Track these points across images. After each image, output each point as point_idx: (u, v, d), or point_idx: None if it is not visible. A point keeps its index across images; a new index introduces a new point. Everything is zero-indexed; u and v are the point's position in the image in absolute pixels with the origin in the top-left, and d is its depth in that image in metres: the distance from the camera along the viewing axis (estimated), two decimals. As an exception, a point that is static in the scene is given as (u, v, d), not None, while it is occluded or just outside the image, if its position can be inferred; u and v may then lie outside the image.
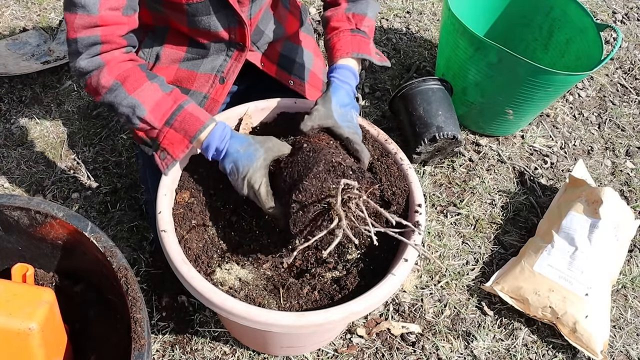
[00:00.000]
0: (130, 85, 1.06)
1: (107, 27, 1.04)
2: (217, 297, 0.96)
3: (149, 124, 1.07)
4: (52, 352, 0.99)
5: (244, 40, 1.30)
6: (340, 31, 1.23)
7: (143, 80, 1.07)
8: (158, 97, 1.07)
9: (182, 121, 1.07)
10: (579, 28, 1.88)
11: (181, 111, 1.07)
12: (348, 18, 1.23)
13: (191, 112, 1.08)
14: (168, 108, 1.07)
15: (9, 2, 2.31)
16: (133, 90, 1.06)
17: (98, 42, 1.04)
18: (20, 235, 1.12)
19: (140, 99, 1.06)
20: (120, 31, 1.06)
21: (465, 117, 1.96)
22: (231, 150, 1.07)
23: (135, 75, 1.07)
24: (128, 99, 1.05)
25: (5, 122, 1.88)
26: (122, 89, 1.05)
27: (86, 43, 1.04)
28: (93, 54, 1.05)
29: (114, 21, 1.04)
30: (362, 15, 1.24)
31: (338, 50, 1.20)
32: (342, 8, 1.25)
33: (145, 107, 1.06)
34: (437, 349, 1.46)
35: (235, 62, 1.34)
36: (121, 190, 1.71)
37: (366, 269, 1.10)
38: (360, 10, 1.24)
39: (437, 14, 2.46)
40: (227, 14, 1.22)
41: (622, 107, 2.18)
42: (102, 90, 1.06)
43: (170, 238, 1.03)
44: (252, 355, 1.41)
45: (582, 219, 1.58)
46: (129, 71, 1.07)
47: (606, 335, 1.45)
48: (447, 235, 1.70)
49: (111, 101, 1.07)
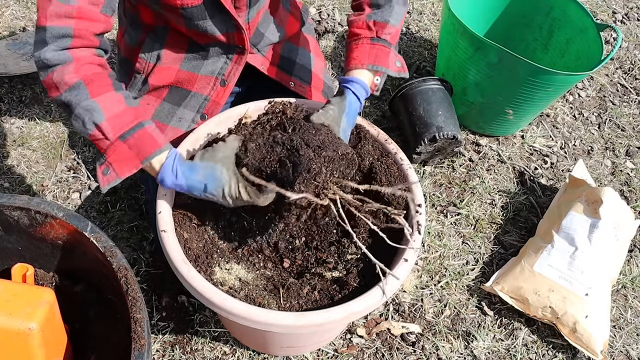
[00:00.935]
0: (94, 88, 0.99)
1: (82, 21, 0.98)
2: (217, 297, 0.96)
3: (103, 133, 0.99)
4: (52, 352, 0.99)
5: (243, 44, 1.30)
6: (360, 39, 1.20)
7: (109, 88, 1.02)
8: (120, 109, 1.00)
9: (138, 138, 1.00)
10: (579, 28, 1.88)
11: (140, 129, 1.00)
12: (369, 26, 1.21)
13: (150, 133, 1.01)
14: (128, 122, 1.00)
15: (9, 2, 2.31)
16: (96, 95, 0.99)
17: (69, 35, 0.97)
18: (20, 235, 1.12)
19: (101, 104, 0.98)
20: (95, 29, 1.01)
21: (465, 117, 1.96)
22: (193, 184, 1.02)
23: (102, 81, 1.01)
24: (88, 101, 0.98)
25: (5, 122, 1.88)
26: (85, 89, 0.98)
27: (56, 33, 0.97)
28: (61, 47, 0.98)
29: (90, 16, 0.99)
30: (384, 23, 1.21)
31: (354, 59, 1.18)
32: (365, 14, 1.22)
33: (105, 114, 0.98)
34: (437, 349, 1.46)
35: (235, 65, 1.34)
36: (121, 190, 1.71)
37: (366, 269, 1.10)
38: (382, 18, 1.21)
39: (437, 14, 2.46)
40: (223, 18, 1.22)
41: (622, 107, 2.18)
42: (63, 86, 0.98)
43: (170, 238, 1.03)
44: (252, 355, 1.41)
45: (582, 219, 1.58)
46: (96, 75, 1.01)
47: (606, 335, 1.45)
48: (447, 235, 1.70)
49: (70, 100, 0.99)
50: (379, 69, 1.18)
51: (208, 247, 1.10)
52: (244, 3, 1.24)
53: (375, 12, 1.22)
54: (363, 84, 1.17)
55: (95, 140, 1.01)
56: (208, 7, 1.18)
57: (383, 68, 1.18)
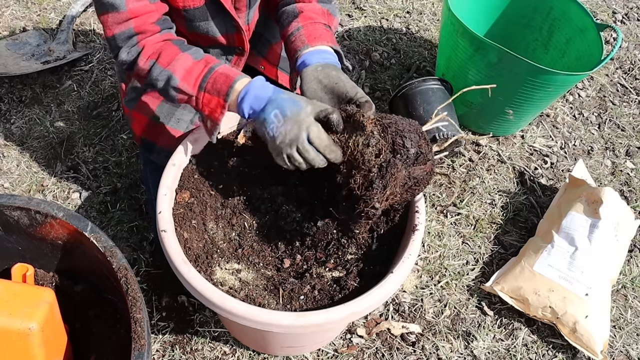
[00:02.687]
0: (163, 59, 1.08)
1: (138, 19, 1.08)
2: (217, 297, 0.96)
3: (185, 92, 1.08)
4: (52, 352, 0.99)
5: (242, 45, 1.30)
6: (316, 22, 1.19)
7: (176, 53, 1.09)
8: (189, 65, 1.07)
9: (214, 82, 1.05)
10: (579, 28, 1.88)
11: (212, 73, 1.06)
12: (323, 12, 1.21)
13: (222, 72, 1.06)
14: (199, 73, 1.07)
15: (9, 2, 2.31)
16: (167, 64, 1.07)
17: (133, 34, 1.09)
18: (20, 235, 1.12)
19: (172, 69, 1.07)
20: (152, 19, 1.10)
21: (465, 117, 1.96)
22: (274, 97, 1.00)
23: (168, 49, 1.09)
24: (162, 72, 1.07)
25: (5, 122, 1.88)
26: (156, 65, 1.08)
27: (123, 37, 1.09)
28: (131, 45, 1.10)
29: (142, 11, 1.08)
30: (333, 16, 1.24)
31: (316, 38, 1.15)
32: (315, 3, 1.21)
33: (177, 76, 1.06)
34: (437, 349, 1.46)
35: (234, 67, 1.35)
36: (121, 190, 1.71)
37: (366, 269, 1.10)
38: (332, 11, 1.24)
39: (437, 14, 2.46)
40: (224, 19, 1.23)
41: (622, 107, 2.18)
42: (143, 72, 1.10)
43: (171, 238, 1.03)
44: (252, 355, 1.41)
45: (582, 219, 1.58)
46: (161, 47, 1.09)
47: (606, 335, 1.45)
48: (447, 235, 1.70)
49: (152, 81, 1.10)
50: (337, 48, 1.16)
51: (208, 247, 1.10)
52: (244, 4, 1.25)
53: (323, 4, 1.23)
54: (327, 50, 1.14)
55: (187, 102, 1.09)
56: (209, 8, 1.20)
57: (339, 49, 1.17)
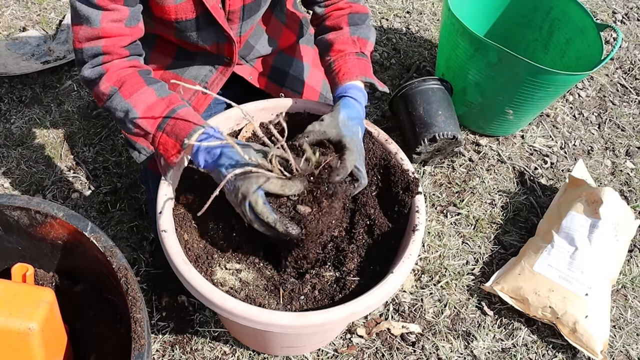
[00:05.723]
0: (126, 90, 1.05)
1: (109, 39, 1.05)
2: (218, 297, 0.96)
3: (142, 129, 1.05)
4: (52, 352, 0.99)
5: (231, 55, 1.30)
6: (346, 54, 1.20)
7: (140, 85, 1.06)
8: (151, 102, 1.05)
9: (173, 125, 1.03)
10: (579, 28, 1.88)
11: (173, 115, 1.04)
12: (354, 41, 1.22)
13: (183, 116, 1.04)
14: (160, 112, 1.04)
15: (9, 2, 2.31)
16: (129, 95, 1.05)
17: (100, 53, 1.06)
18: (20, 235, 1.12)
19: (133, 103, 1.04)
20: (123, 42, 1.07)
21: (465, 117, 1.96)
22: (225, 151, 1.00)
23: (133, 80, 1.06)
24: (122, 103, 1.05)
25: (5, 122, 1.88)
26: (118, 94, 1.05)
27: (90, 54, 1.06)
28: (96, 64, 1.07)
29: (116, 33, 1.05)
30: (366, 40, 1.23)
31: (346, 73, 1.18)
32: (346, 31, 1.23)
33: (137, 110, 1.04)
34: (437, 349, 1.46)
35: (220, 75, 1.35)
36: (121, 190, 1.71)
37: (366, 269, 1.11)
38: (364, 35, 1.23)
39: (437, 14, 2.46)
40: (215, 30, 1.23)
41: (622, 107, 2.18)
42: (103, 97, 1.07)
43: (171, 238, 1.02)
44: (252, 355, 1.41)
45: (582, 219, 1.58)
46: (126, 77, 1.06)
47: (606, 335, 1.45)
48: (447, 235, 1.70)
49: (109, 107, 1.07)
50: (368, 80, 1.18)
51: (208, 248, 1.10)
52: (237, 16, 1.24)
53: (355, 28, 1.23)
54: (358, 87, 1.17)
55: (142, 136, 1.08)
56: (202, 20, 1.19)
57: (371, 80, 1.19)
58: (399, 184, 1.15)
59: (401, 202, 1.14)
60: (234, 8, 1.21)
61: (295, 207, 0.97)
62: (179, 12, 1.15)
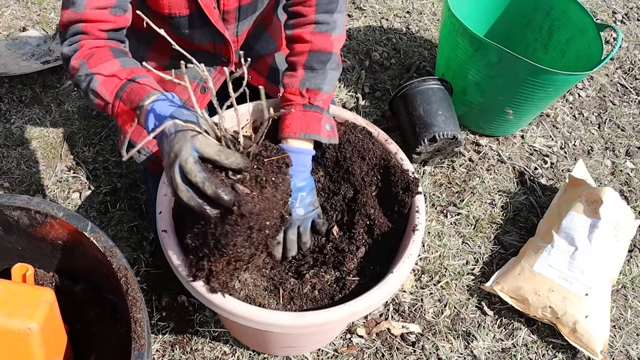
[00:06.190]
0: (93, 61, 1.03)
1: (90, 23, 1.06)
2: (218, 297, 0.96)
3: (101, 97, 1.01)
4: (52, 352, 0.99)
5: (228, 55, 1.30)
6: (293, 105, 1.19)
7: (108, 57, 1.04)
8: (113, 70, 1.02)
9: (130, 92, 0.98)
10: (579, 28, 1.88)
11: (131, 83, 1.00)
12: (301, 93, 1.19)
13: (142, 83, 0.99)
14: (119, 81, 1.01)
15: (9, 2, 2.31)
16: (93, 66, 1.03)
17: (79, 32, 1.06)
18: (20, 235, 1.12)
19: (96, 71, 1.02)
20: (103, 27, 1.07)
21: (465, 117, 1.96)
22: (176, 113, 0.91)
23: (101, 53, 1.05)
24: (87, 72, 1.03)
25: (5, 122, 1.88)
26: (85, 65, 1.04)
27: (70, 33, 1.07)
28: (73, 42, 1.07)
29: (98, 19, 1.05)
30: (317, 90, 1.19)
31: (287, 127, 1.17)
32: (298, 78, 1.20)
33: (98, 79, 1.01)
34: (437, 349, 1.46)
35: (218, 75, 1.34)
36: (121, 190, 1.71)
37: (366, 269, 1.11)
38: (315, 85, 1.19)
39: (437, 14, 2.46)
40: (210, 30, 1.22)
41: (622, 107, 2.18)
42: (73, 71, 1.05)
43: (171, 238, 1.03)
44: (252, 355, 1.41)
45: (582, 219, 1.58)
46: (96, 50, 1.05)
47: (606, 335, 1.45)
48: (447, 235, 1.70)
49: (76, 79, 1.05)
50: (311, 136, 1.17)
51: (208, 247, 1.09)
52: (233, 16, 1.24)
53: (308, 77, 1.20)
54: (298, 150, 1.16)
55: (103, 108, 1.03)
56: (195, 18, 1.19)
57: (315, 135, 1.17)
58: (399, 184, 1.15)
59: (401, 202, 1.14)
60: (229, 8, 1.21)
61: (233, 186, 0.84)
62: (172, 6, 1.15)
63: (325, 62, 1.20)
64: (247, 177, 0.87)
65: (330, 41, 1.21)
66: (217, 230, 0.86)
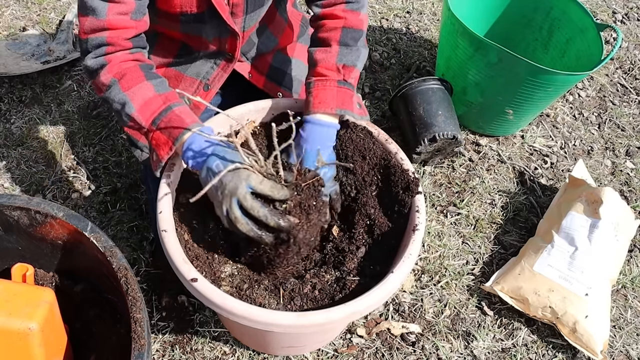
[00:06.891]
0: (125, 83, 1.06)
1: (114, 31, 1.06)
2: (218, 297, 0.95)
3: (137, 123, 1.07)
4: (52, 352, 0.99)
5: (233, 51, 1.30)
6: (328, 80, 1.19)
7: (140, 79, 1.07)
8: (149, 97, 1.06)
9: (167, 122, 1.04)
10: (579, 28, 1.88)
11: (169, 112, 1.05)
12: (338, 69, 1.19)
13: (178, 114, 1.05)
14: (156, 108, 1.06)
15: (9, 2, 2.31)
16: (127, 88, 1.06)
17: (104, 44, 1.07)
18: (20, 235, 1.12)
19: (130, 96, 1.06)
20: (127, 34, 1.08)
21: (465, 117, 1.96)
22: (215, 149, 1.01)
23: (133, 73, 1.07)
24: (120, 95, 1.06)
25: (5, 122, 1.88)
26: (117, 86, 1.06)
27: (94, 44, 1.08)
28: (99, 55, 1.08)
29: (121, 25, 1.06)
30: (352, 67, 1.20)
31: (322, 102, 1.17)
32: (334, 54, 1.20)
33: (134, 104, 1.05)
34: (437, 349, 1.46)
35: (221, 72, 1.35)
36: (121, 190, 1.71)
37: (366, 269, 1.10)
38: (351, 62, 1.20)
39: (437, 14, 2.46)
40: (219, 23, 1.23)
41: (622, 107, 2.18)
42: (102, 87, 1.08)
43: (171, 238, 1.02)
44: (252, 355, 1.41)
45: (582, 219, 1.58)
46: (127, 70, 1.08)
47: (606, 335, 1.45)
48: (447, 235, 1.70)
49: (107, 98, 1.08)
50: (346, 112, 1.18)
51: (209, 247, 1.10)
52: (241, 9, 1.24)
53: (343, 52, 1.20)
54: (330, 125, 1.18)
55: (136, 130, 1.09)
56: (207, 15, 1.19)
57: (349, 112, 1.18)
58: (399, 183, 1.15)
59: (401, 201, 1.14)
60: (238, 1, 1.21)
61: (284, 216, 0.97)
62: (184, 5, 1.16)
63: (357, 40, 1.23)
64: (291, 204, 0.98)
65: (360, 19, 1.24)
66: (271, 252, 1.02)
